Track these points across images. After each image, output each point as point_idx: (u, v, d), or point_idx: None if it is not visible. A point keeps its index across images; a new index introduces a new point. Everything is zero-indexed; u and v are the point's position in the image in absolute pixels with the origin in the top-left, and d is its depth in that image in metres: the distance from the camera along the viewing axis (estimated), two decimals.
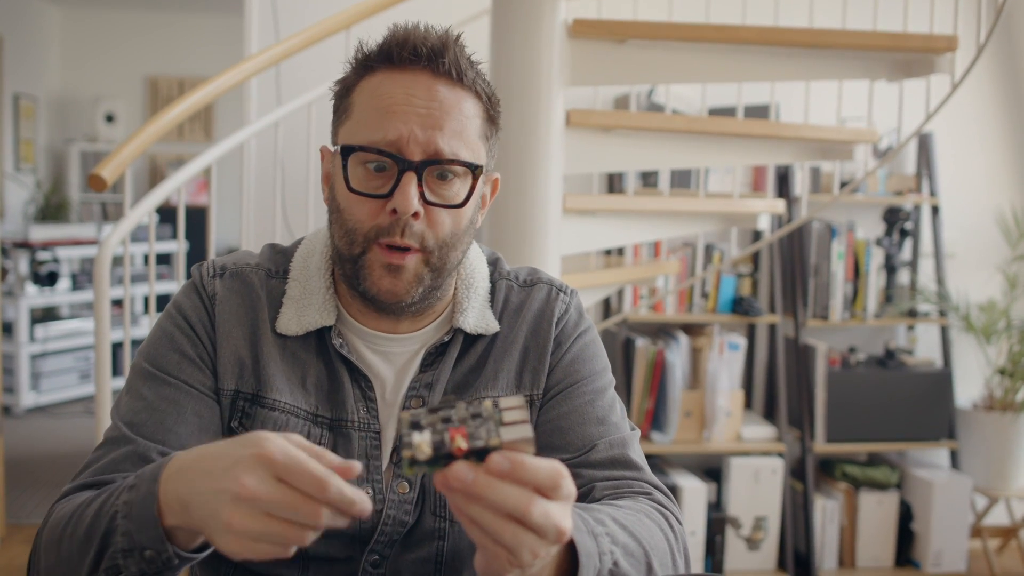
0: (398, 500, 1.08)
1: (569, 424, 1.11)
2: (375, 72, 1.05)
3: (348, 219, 1.04)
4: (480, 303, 1.15)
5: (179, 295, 1.12)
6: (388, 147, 1.01)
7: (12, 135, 6.72)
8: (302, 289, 1.12)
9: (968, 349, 3.79)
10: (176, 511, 0.81)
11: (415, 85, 1.03)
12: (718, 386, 3.42)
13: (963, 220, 3.88)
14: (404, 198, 1.00)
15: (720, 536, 3.42)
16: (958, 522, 3.52)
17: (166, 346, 1.08)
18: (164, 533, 0.83)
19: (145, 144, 2.41)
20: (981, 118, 3.90)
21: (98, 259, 2.29)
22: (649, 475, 1.09)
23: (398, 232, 1.02)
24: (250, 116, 3.36)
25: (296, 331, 1.09)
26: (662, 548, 0.97)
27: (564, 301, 1.18)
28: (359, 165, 1.04)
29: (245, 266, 1.14)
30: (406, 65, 1.04)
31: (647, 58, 2.51)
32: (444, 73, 1.04)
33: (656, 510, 1.02)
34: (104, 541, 0.86)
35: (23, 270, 5.32)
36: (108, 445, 1.03)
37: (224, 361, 1.08)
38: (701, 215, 2.86)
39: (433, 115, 1.02)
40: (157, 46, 7.50)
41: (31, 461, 4.49)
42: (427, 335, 1.13)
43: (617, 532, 0.91)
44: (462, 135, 1.03)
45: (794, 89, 3.38)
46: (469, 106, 1.05)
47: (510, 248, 2.28)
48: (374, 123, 1.02)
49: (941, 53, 2.54)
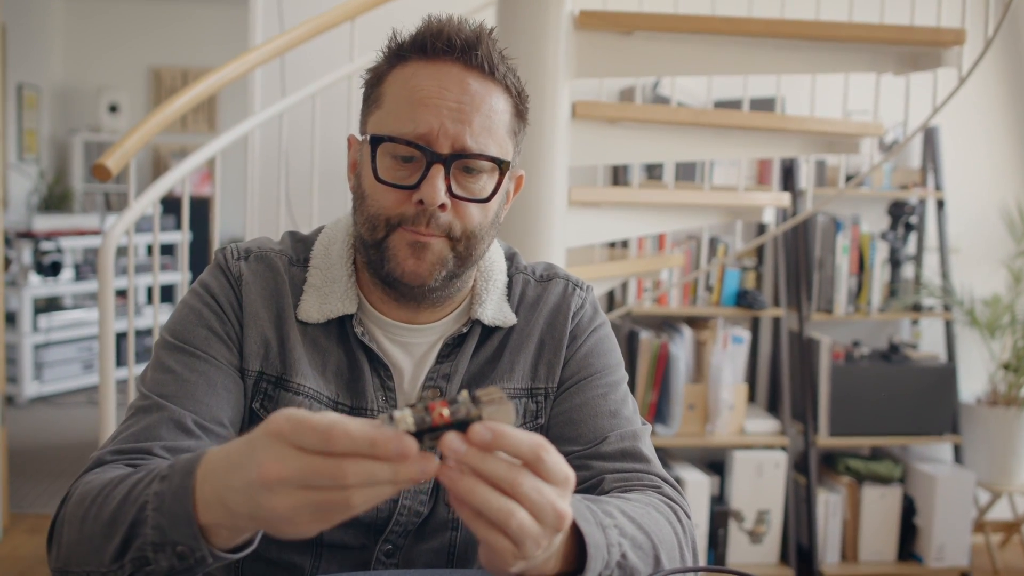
0: (413, 490, 1.09)
1: (582, 416, 1.12)
2: (407, 63, 1.05)
3: (372, 206, 1.05)
4: (498, 296, 1.16)
5: (205, 275, 1.12)
6: (418, 139, 1.01)
7: (16, 125, 6.71)
8: (323, 277, 1.12)
9: (972, 344, 3.78)
10: (216, 510, 0.77)
11: (447, 77, 1.03)
12: (722, 379, 3.41)
13: (968, 214, 3.87)
14: (432, 189, 1.00)
15: (723, 529, 3.42)
16: (961, 517, 3.51)
17: (193, 322, 1.08)
18: (200, 530, 0.79)
19: (149, 135, 2.41)
20: (987, 112, 3.88)
21: (102, 249, 2.30)
22: (659, 468, 1.10)
23: (423, 222, 1.02)
24: (254, 107, 3.35)
25: (317, 319, 1.10)
26: (670, 541, 0.97)
27: (580, 296, 1.19)
28: (387, 155, 1.04)
29: (269, 251, 1.14)
30: (439, 56, 1.03)
31: (653, 50, 2.50)
32: (476, 66, 1.04)
33: (665, 503, 1.02)
34: (132, 530, 0.83)
35: (26, 260, 5.32)
36: (140, 414, 1.02)
37: (251, 341, 1.08)
38: (706, 208, 2.85)
39: (464, 109, 1.02)
40: (161, 36, 7.49)
41: (34, 451, 4.49)
42: (445, 326, 1.14)
43: (625, 524, 0.91)
44: (491, 130, 1.04)
45: (800, 82, 3.37)
46: (499, 101, 1.05)
47: (515, 240, 2.27)
48: (405, 114, 1.02)
49: (948, 46, 2.53)
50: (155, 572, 0.82)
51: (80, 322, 5.61)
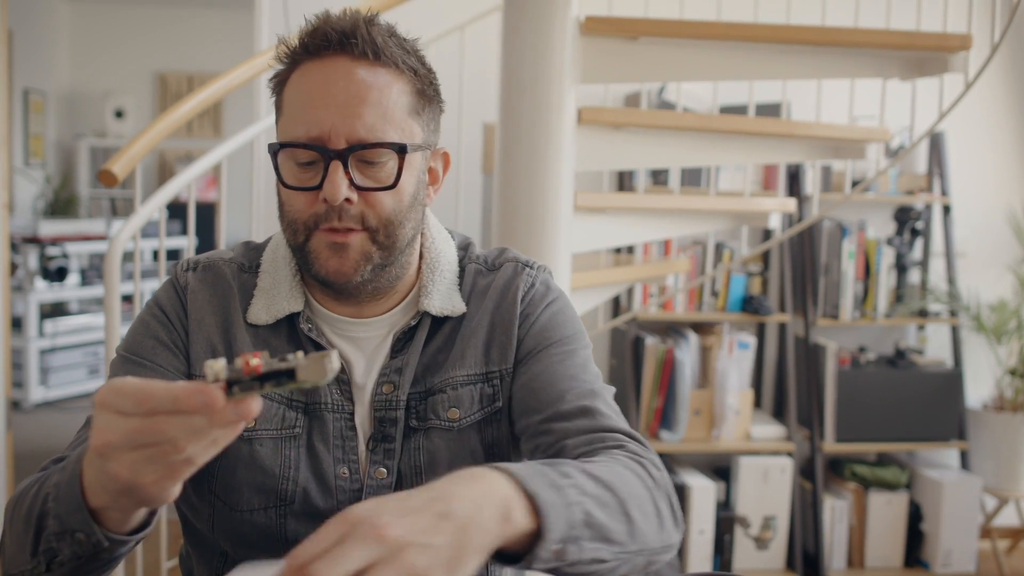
0: (376, 485, 1.10)
1: (540, 384, 1.10)
2: (299, 65, 1.06)
3: (288, 211, 1.06)
4: (446, 286, 1.15)
5: (157, 290, 1.16)
6: (312, 140, 1.02)
7: (22, 130, 6.73)
8: (271, 280, 1.14)
9: (979, 349, 3.77)
10: (98, 492, 0.81)
11: (334, 72, 1.03)
12: (727, 385, 3.41)
13: (974, 219, 3.86)
14: (332, 187, 1.01)
15: (729, 535, 3.41)
16: (968, 523, 3.50)
17: (142, 334, 1.11)
18: (90, 514, 0.82)
19: (155, 140, 2.41)
20: (992, 117, 3.88)
21: (108, 255, 2.29)
22: (621, 424, 1.07)
23: (335, 218, 1.03)
24: (260, 112, 3.35)
25: (266, 319, 1.11)
26: (640, 495, 0.94)
27: (530, 275, 1.18)
28: (289, 160, 1.05)
29: (218, 260, 1.17)
30: (323, 53, 1.04)
31: (659, 55, 2.50)
32: (360, 54, 1.03)
33: (631, 459, 0.99)
34: (40, 523, 0.86)
35: (32, 265, 5.33)
36: (87, 425, 1.07)
37: (197, 348, 1.10)
38: (712, 213, 2.85)
39: (352, 100, 1.02)
40: (166, 41, 7.50)
41: (40, 456, 4.49)
42: (393, 319, 1.14)
43: (585, 483, 0.88)
44: (386, 115, 1.03)
45: (806, 88, 3.37)
46: (393, 84, 1.04)
47: (520, 245, 2.27)
48: (299, 116, 1.03)
49: (955, 52, 2.53)
50: (65, 562, 0.85)
51: (86, 327, 5.61)
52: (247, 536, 1.09)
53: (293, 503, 1.08)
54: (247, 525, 1.08)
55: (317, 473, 1.09)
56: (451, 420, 1.11)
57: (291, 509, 1.08)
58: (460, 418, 1.11)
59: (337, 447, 1.09)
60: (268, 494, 1.07)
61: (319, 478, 1.09)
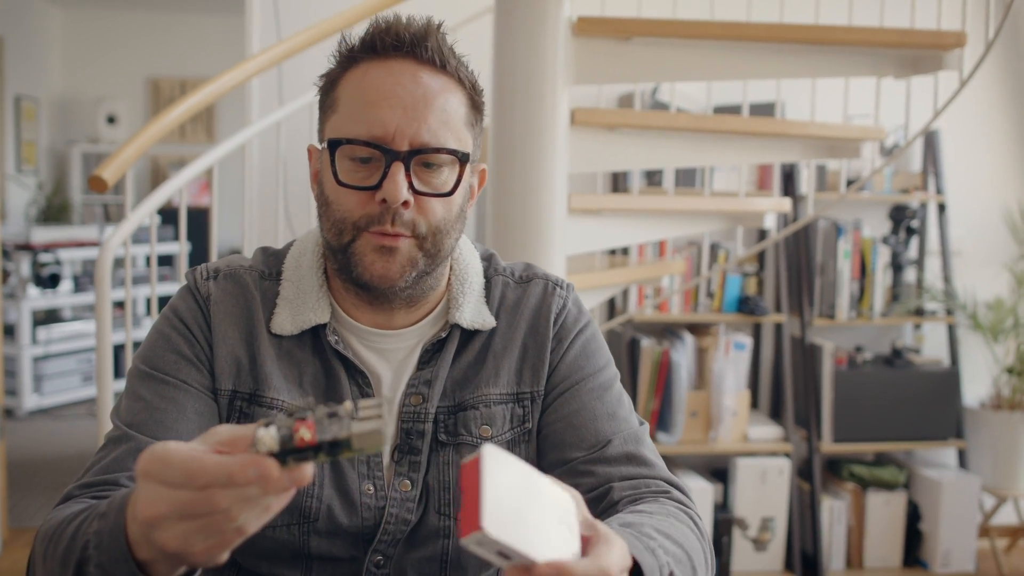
0: (400, 498, 1.08)
1: (580, 421, 1.11)
2: (359, 64, 1.05)
3: (336, 211, 1.04)
4: (475, 298, 1.14)
5: (175, 299, 1.12)
6: (375, 139, 1.01)
7: (14, 136, 6.71)
8: (295, 289, 1.11)
9: (975, 348, 3.76)
10: (144, 547, 0.76)
11: (399, 74, 1.02)
12: (724, 386, 3.39)
13: (970, 218, 3.85)
14: (394, 187, 1.00)
15: (727, 537, 3.39)
16: (966, 522, 3.49)
17: (163, 347, 1.08)
18: (139, 566, 0.77)
19: (146, 145, 2.39)
20: (987, 115, 3.87)
21: (99, 261, 2.27)
22: (664, 471, 1.10)
23: (388, 220, 1.01)
24: (252, 116, 3.34)
25: (291, 330, 1.09)
26: (697, 549, 0.98)
27: (561, 296, 1.18)
28: (346, 158, 1.03)
29: (239, 268, 1.14)
30: (389, 54, 1.03)
31: (652, 56, 2.49)
32: (427, 60, 1.03)
33: (681, 511, 1.03)
34: (79, 570, 0.82)
35: (25, 272, 5.31)
36: (110, 445, 1.02)
37: (221, 361, 1.08)
38: (706, 214, 2.84)
39: (418, 104, 1.01)
40: (159, 47, 7.49)
41: (33, 464, 4.47)
42: (423, 330, 1.12)
43: (665, 543, 0.91)
44: (448, 123, 1.03)
45: (800, 87, 3.36)
46: (454, 94, 1.05)
47: (515, 248, 2.26)
48: (360, 115, 1.02)
49: (949, 49, 2.52)
50: None
51: (79, 334, 5.59)
52: (266, 551, 1.07)
53: (317, 520, 1.06)
54: (268, 541, 1.05)
55: (341, 489, 1.07)
56: (483, 437, 1.10)
57: (315, 527, 1.06)
58: (492, 436, 1.11)
59: (362, 462, 1.08)
60: (291, 511, 1.05)
61: (343, 495, 1.07)
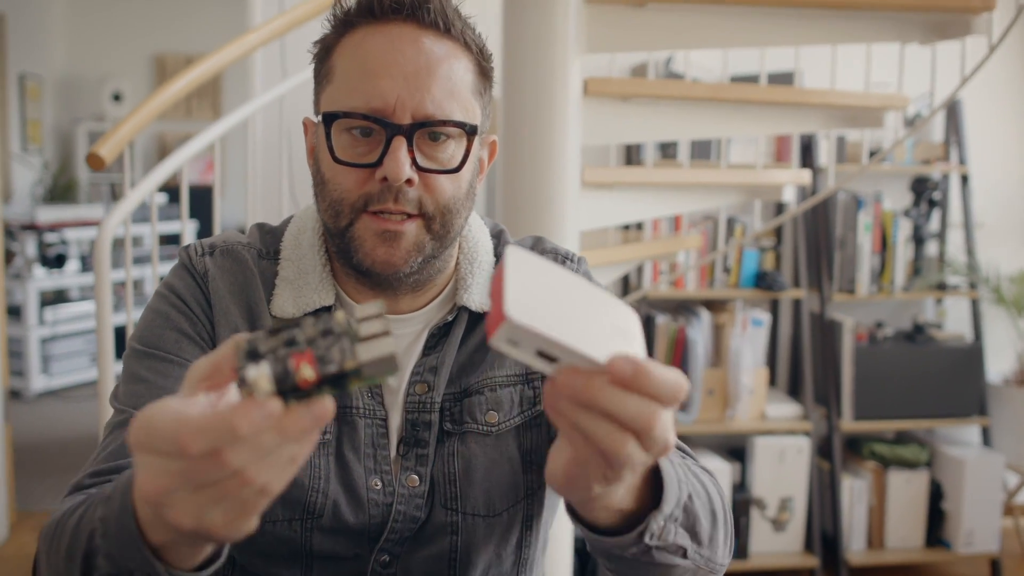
0: (408, 494, 1.01)
1: None
2: (356, 29, 0.96)
3: (334, 190, 0.96)
4: (484, 278, 1.07)
5: (169, 277, 1.05)
6: (374, 111, 0.93)
7: (18, 115, 6.64)
8: (296, 269, 1.04)
9: (999, 322, 3.68)
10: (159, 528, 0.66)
11: (400, 39, 0.94)
12: (741, 363, 3.32)
13: (993, 189, 3.76)
14: (395, 164, 0.92)
15: (745, 518, 3.33)
16: (990, 500, 3.42)
17: (161, 325, 1.00)
18: (151, 551, 0.67)
19: (145, 121, 2.32)
20: (1010, 83, 3.77)
21: (98, 241, 2.22)
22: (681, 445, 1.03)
23: (390, 198, 0.94)
24: (255, 92, 3.27)
25: (293, 313, 1.02)
26: (718, 498, 0.91)
27: (571, 269, 1.11)
28: (343, 132, 0.95)
29: (236, 244, 1.06)
30: (388, 17, 0.94)
31: (667, 22, 2.40)
32: (430, 24, 0.94)
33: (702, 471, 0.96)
34: (87, 563, 0.73)
35: (31, 252, 5.26)
36: (116, 430, 0.94)
37: (223, 339, 1.00)
38: (723, 187, 2.76)
39: (421, 72, 0.93)
40: (164, 24, 7.40)
41: (41, 446, 4.43)
42: (429, 314, 1.06)
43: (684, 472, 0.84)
44: (454, 93, 0.94)
45: (820, 54, 3.26)
46: (460, 60, 0.96)
47: (526, 224, 2.19)
48: (357, 85, 0.93)
49: (978, 13, 2.42)
50: None
51: (87, 314, 5.55)
52: (265, 547, 0.99)
53: (321, 517, 0.99)
54: (268, 536, 0.98)
55: (347, 485, 1.00)
56: (489, 424, 1.03)
57: (319, 523, 0.99)
58: (499, 422, 1.04)
59: (368, 456, 1.00)
60: (295, 506, 0.98)
61: (349, 490, 1.00)
